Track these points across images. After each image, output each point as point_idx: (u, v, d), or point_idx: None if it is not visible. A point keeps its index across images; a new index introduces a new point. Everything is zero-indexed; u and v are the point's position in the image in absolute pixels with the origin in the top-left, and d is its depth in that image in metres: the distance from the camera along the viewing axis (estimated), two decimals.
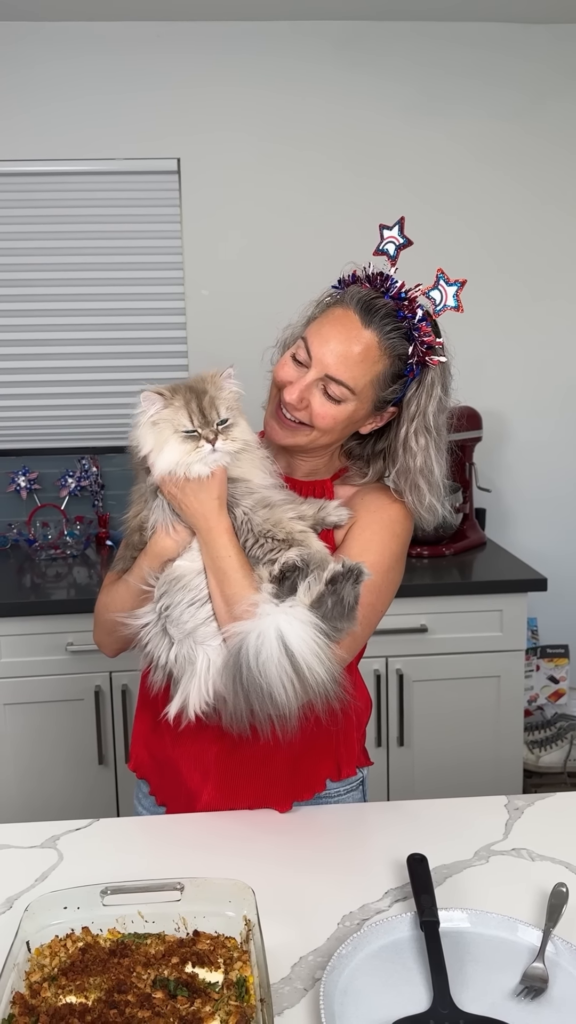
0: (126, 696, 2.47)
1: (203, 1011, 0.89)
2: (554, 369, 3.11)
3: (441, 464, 1.31)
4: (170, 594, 1.24)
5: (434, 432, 1.29)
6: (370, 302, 1.24)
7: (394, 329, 1.24)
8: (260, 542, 1.23)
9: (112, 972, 0.95)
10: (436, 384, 1.27)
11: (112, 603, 1.32)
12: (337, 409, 1.25)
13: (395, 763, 2.57)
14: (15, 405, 2.98)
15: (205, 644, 1.22)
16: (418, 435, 1.28)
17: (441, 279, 1.27)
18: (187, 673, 1.22)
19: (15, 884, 1.18)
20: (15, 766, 2.47)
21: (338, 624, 1.15)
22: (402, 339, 1.24)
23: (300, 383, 1.24)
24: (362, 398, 1.25)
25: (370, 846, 1.29)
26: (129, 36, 2.82)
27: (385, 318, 1.23)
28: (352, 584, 1.14)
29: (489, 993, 0.97)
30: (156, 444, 1.22)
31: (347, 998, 0.95)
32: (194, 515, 1.23)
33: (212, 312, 2.96)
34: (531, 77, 2.95)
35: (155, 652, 1.24)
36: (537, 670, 3.04)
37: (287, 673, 1.12)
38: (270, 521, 1.23)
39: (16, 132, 2.83)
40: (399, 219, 1.30)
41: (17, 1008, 0.90)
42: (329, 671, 1.14)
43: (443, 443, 1.31)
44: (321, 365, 1.23)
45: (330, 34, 2.87)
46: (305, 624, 1.14)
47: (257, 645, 1.13)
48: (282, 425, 1.29)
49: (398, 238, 1.29)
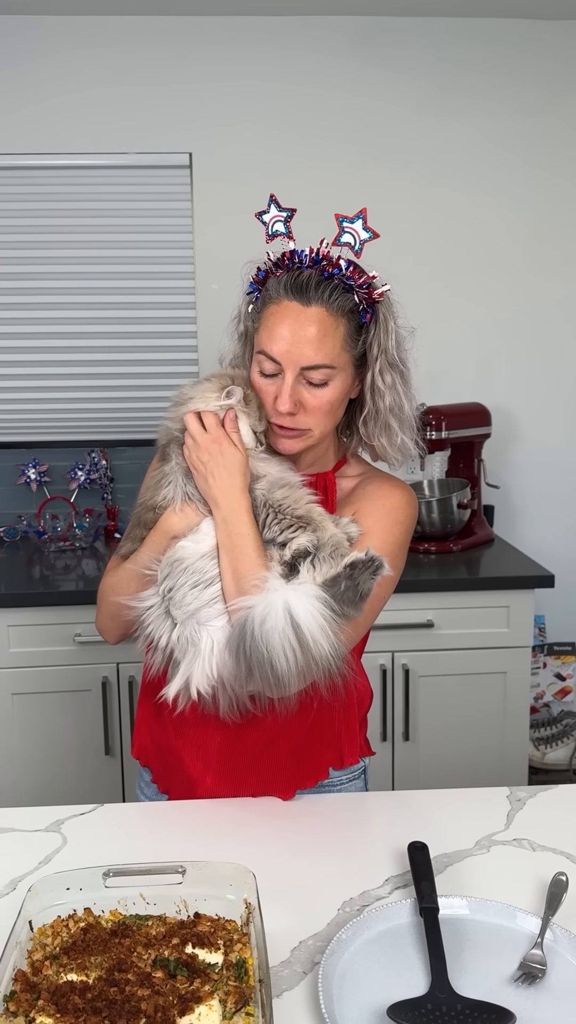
0: (133, 687, 2.49)
1: (202, 990, 0.90)
2: (564, 367, 3.11)
3: (410, 399, 1.31)
4: (173, 576, 1.25)
5: (400, 366, 1.28)
6: (295, 282, 1.23)
7: (331, 290, 1.23)
8: (278, 518, 1.24)
9: (113, 952, 0.96)
10: (389, 318, 1.27)
11: (117, 584, 1.33)
12: (328, 392, 1.25)
13: (400, 758, 2.58)
14: (25, 398, 3.00)
15: (208, 625, 1.23)
16: (384, 373, 1.27)
17: (343, 222, 1.26)
18: (189, 654, 1.23)
19: (19, 866, 1.19)
20: (23, 755, 2.49)
21: (346, 609, 1.16)
22: (344, 293, 1.24)
23: (284, 390, 1.23)
24: (342, 367, 1.25)
25: (371, 834, 1.29)
26: (142, 31, 2.83)
27: (318, 287, 1.23)
28: (371, 574, 1.16)
29: (487, 978, 0.97)
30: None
31: (346, 981, 0.96)
32: (222, 488, 1.24)
33: (222, 306, 2.96)
34: (546, 73, 2.94)
35: (156, 633, 1.25)
36: (544, 667, 3.04)
37: (290, 642, 1.13)
38: (290, 498, 1.25)
39: (29, 126, 2.84)
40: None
41: (19, 985, 0.91)
42: (333, 645, 1.15)
43: (409, 376, 1.31)
44: (292, 362, 1.23)
45: (344, 30, 2.87)
46: (313, 598, 1.15)
47: (263, 614, 1.14)
48: (283, 436, 1.29)
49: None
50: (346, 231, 1.26)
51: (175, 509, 1.28)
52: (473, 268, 3.02)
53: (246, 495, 1.25)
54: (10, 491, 3.03)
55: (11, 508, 3.03)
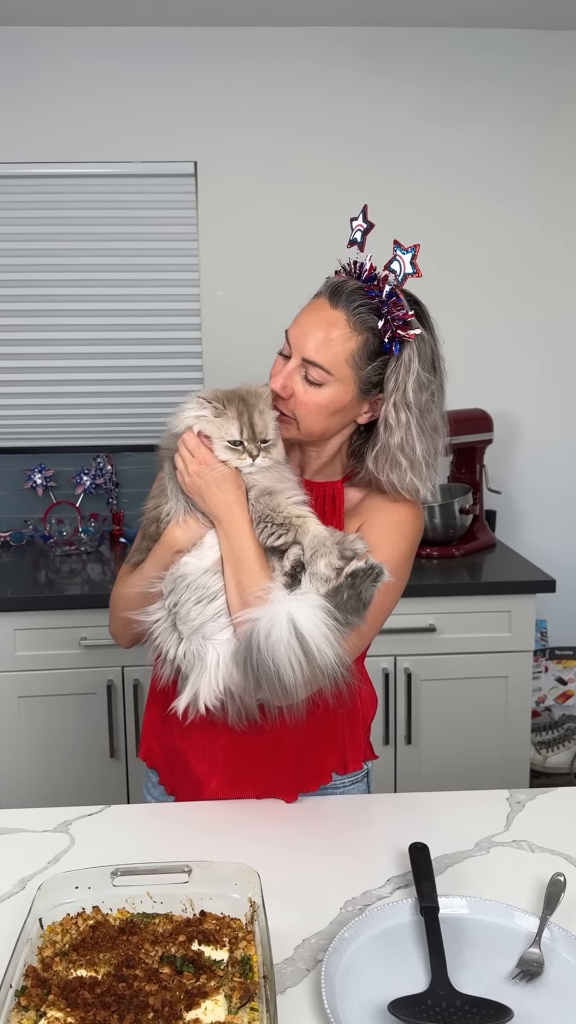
0: (138, 691, 2.51)
1: (208, 986, 0.92)
2: (566, 373, 3.14)
3: (426, 443, 1.30)
4: (176, 592, 1.27)
5: (415, 409, 1.28)
6: (338, 286, 1.28)
7: (362, 305, 1.26)
8: (260, 525, 1.26)
9: (121, 948, 0.98)
10: (414, 360, 1.28)
11: (125, 593, 1.36)
12: (319, 394, 1.27)
13: (402, 761, 2.60)
14: (32, 404, 3.03)
15: (213, 639, 1.26)
16: (398, 411, 1.28)
17: (397, 249, 1.28)
18: (196, 669, 1.26)
19: (28, 866, 1.22)
20: (29, 757, 2.52)
21: (349, 618, 1.18)
22: (371, 313, 1.26)
23: (283, 372, 1.29)
24: (342, 379, 1.27)
25: (373, 835, 1.32)
26: (148, 42, 2.86)
27: (352, 296, 1.26)
28: (372, 582, 1.18)
29: (486, 976, 1.00)
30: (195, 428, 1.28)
31: (348, 978, 0.99)
32: (217, 505, 1.26)
33: (227, 314, 3.00)
34: (548, 82, 2.97)
35: (164, 646, 1.27)
36: (545, 671, 3.06)
37: (296, 654, 1.15)
38: (269, 506, 1.27)
39: (36, 135, 2.88)
40: (363, 207, 1.34)
41: (30, 980, 0.93)
42: (337, 654, 1.17)
43: (428, 422, 1.30)
44: (299, 351, 1.27)
45: (349, 40, 2.90)
46: (316, 608, 1.18)
47: (268, 627, 1.17)
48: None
49: (363, 224, 1.32)
50: (396, 259, 1.28)
51: (178, 522, 1.30)
52: (476, 274, 3.05)
53: (244, 508, 1.27)
54: (16, 496, 3.05)
55: (17, 513, 3.05)
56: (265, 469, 1.29)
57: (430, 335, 1.30)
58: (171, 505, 1.31)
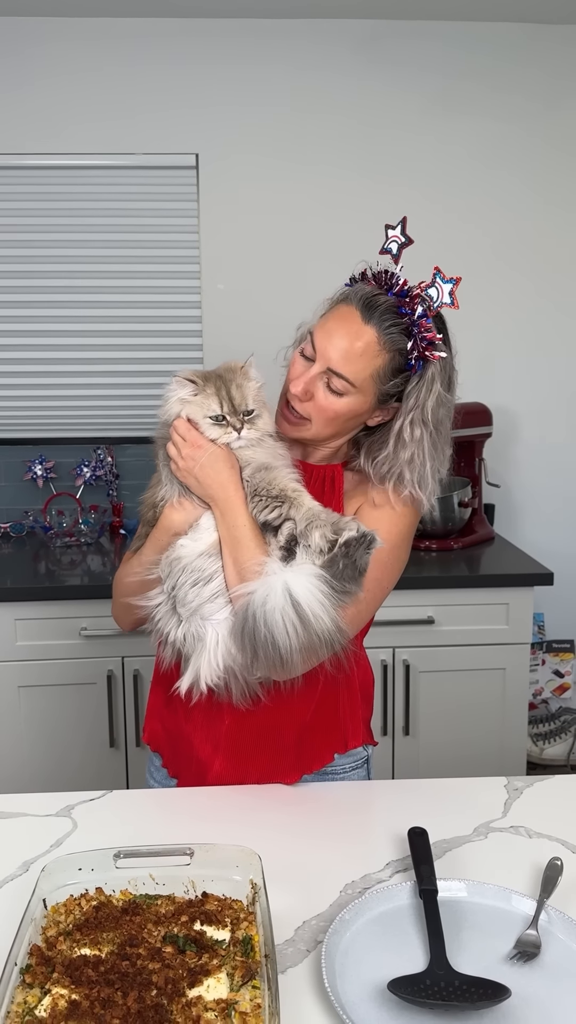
0: (138, 680, 2.53)
1: (211, 964, 0.93)
2: (565, 367, 3.15)
3: (436, 460, 1.33)
4: (173, 575, 1.29)
5: (431, 426, 1.31)
6: (371, 299, 1.28)
7: (393, 324, 1.28)
8: (255, 499, 1.28)
9: (124, 928, 0.99)
10: (436, 379, 1.30)
11: (126, 579, 1.37)
12: (339, 402, 1.30)
13: (400, 752, 2.62)
14: (32, 395, 3.04)
15: (212, 619, 1.27)
16: (414, 427, 1.30)
17: (438, 276, 1.30)
18: (196, 650, 1.28)
19: (31, 849, 1.23)
20: (28, 747, 2.53)
21: (347, 586, 1.20)
22: (402, 334, 1.28)
23: (305, 376, 1.30)
24: (364, 392, 1.30)
25: (373, 820, 1.33)
26: (149, 33, 2.86)
27: (385, 314, 1.27)
28: (365, 549, 1.20)
29: (484, 957, 1.01)
30: (184, 415, 1.29)
31: (348, 959, 1.00)
32: (211, 485, 1.28)
33: (227, 306, 3.01)
34: (548, 77, 2.98)
35: (165, 628, 1.30)
36: (543, 664, 3.08)
37: (291, 620, 1.17)
38: (265, 480, 1.29)
39: (37, 126, 2.88)
40: (402, 218, 1.34)
41: (35, 959, 0.94)
42: (334, 619, 1.19)
43: (442, 441, 1.33)
44: (324, 359, 1.28)
45: (350, 32, 2.90)
46: (311, 576, 1.20)
47: (264, 596, 1.19)
48: (287, 420, 1.35)
49: (400, 237, 1.33)
50: (435, 286, 1.29)
51: (173, 504, 1.32)
52: (475, 268, 3.05)
53: (238, 487, 1.28)
54: (17, 487, 3.06)
55: (18, 504, 3.06)
56: (256, 444, 1.30)
57: (450, 354, 1.32)
58: (166, 490, 1.33)
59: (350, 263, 1.40)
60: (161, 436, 1.35)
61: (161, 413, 1.33)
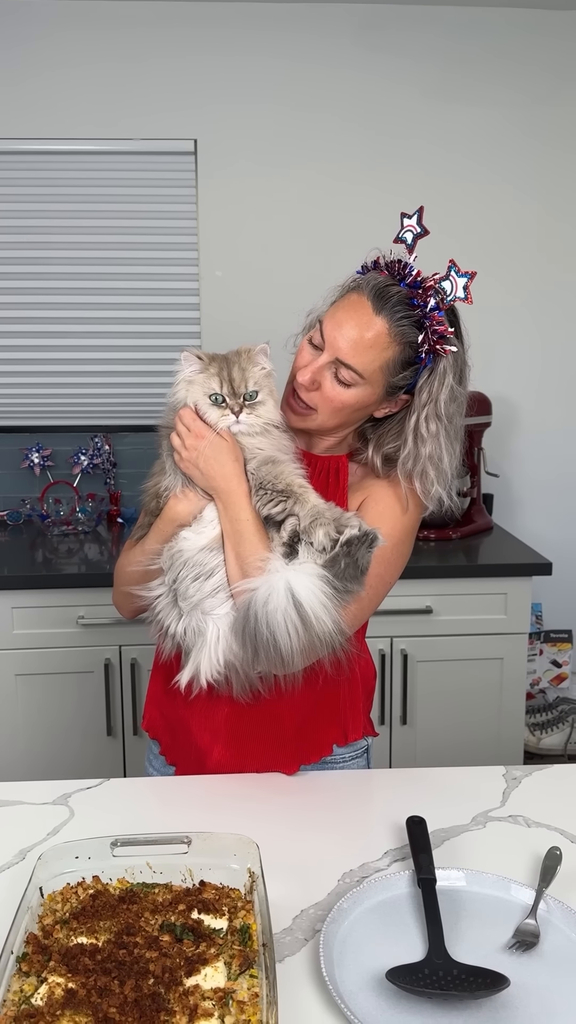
0: (135, 669, 2.52)
1: (208, 953, 0.93)
2: (565, 356, 3.13)
3: (452, 454, 1.32)
4: (174, 569, 1.28)
5: (445, 420, 1.30)
6: (383, 289, 1.26)
7: (405, 317, 1.26)
8: (260, 493, 1.26)
9: (121, 917, 0.99)
10: (448, 373, 1.29)
11: (128, 567, 1.36)
12: (347, 393, 1.28)
13: (397, 741, 2.61)
14: (30, 383, 3.02)
15: (213, 613, 1.26)
16: (429, 422, 1.29)
17: (452, 270, 1.28)
18: (197, 644, 1.27)
19: (28, 837, 1.23)
20: (26, 735, 2.52)
21: (348, 585, 1.19)
22: (413, 327, 1.26)
23: (313, 365, 1.28)
24: (372, 383, 1.28)
25: (371, 809, 1.33)
26: (148, 17, 2.83)
27: (397, 306, 1.26)
28: (367, 548, 1.19)
29: (482, 946, 1.01)
30: (189, 401, 1.29)
31: (346, 947, 1.00)
32: (214, 477, 1.26)
33: (225, 293, 2.99)
34: (551, 61, 2.95)
35: (165, 621, 1.29)
36: (540, 654, 3.08)
37: (293, 621, 1.16)
38: (271, 474, 1.27)
39: (34, 111, 2.85)
40: (418, 208, 1.32)
41: (31, 947, 0.94)
42: (335, 621, 1.18)
43: (455, 433, 1.32)
44: (333, 349, 1.27)
45: (350, 16, 2.88)
46: (313, 577, 1.18)
47: (265, 595, 1.18)
48: (292, 409, 1.33)
49: (416, 227, 1.31)
50: (450, 279, 1.28)
51: (176, 494, 1.30)
52: (475, 256, 3.00)
53: (242, 479, 1.27)
54: (14, 475, 3.05)
55: (15, 492, 3.05)
56: (262, 433, 1.29)
57: (461, 347, 1.31)
58: (169, 480, 1.32)
59: (348, 250, 1.39)
60: (167, 424, 1.33)
61: (169, 395, 1.32)
